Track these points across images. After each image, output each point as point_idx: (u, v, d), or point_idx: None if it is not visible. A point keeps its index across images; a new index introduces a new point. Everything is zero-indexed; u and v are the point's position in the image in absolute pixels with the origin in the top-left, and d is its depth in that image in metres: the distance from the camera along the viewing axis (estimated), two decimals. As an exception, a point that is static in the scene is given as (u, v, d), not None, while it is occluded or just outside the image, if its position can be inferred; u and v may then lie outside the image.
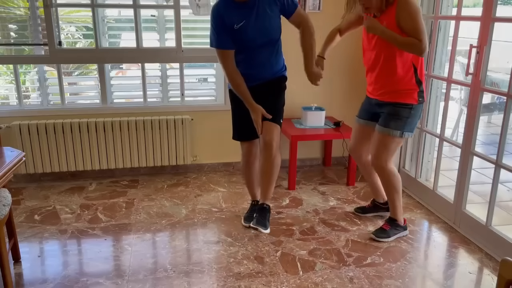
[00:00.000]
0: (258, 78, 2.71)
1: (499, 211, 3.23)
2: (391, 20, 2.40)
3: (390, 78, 2.53)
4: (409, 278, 2.38)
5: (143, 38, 3.54)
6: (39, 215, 3.04)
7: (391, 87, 2.56)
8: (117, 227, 2.88)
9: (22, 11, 3.48)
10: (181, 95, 3.73)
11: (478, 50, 2.62)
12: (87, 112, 3.57)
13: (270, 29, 2.58)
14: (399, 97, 2.55)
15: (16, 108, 3.51)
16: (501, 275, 1.22)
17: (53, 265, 2.45)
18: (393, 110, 2.57)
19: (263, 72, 2.70)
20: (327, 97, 3.95)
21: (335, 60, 3.86)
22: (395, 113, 2.57)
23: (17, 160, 2.20)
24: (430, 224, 3.00)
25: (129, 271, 2.40)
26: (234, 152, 3.67)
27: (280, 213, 3.11)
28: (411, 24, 2.35)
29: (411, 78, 2.52)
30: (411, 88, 2.53)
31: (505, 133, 2.53)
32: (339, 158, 4.12)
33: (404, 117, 2.56)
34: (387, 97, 2.59)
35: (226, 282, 2.31)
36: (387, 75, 2.54)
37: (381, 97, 2.63)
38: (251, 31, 2.54)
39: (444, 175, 3.68)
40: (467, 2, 3.44)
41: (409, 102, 2.55)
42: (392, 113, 2.58)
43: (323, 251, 2.62)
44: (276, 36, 2.63)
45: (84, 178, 3.68)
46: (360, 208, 3.11)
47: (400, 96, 2.55)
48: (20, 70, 3.55)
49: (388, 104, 2.59)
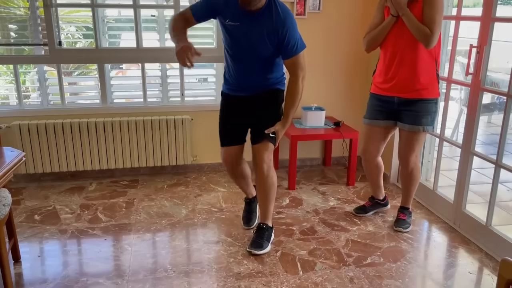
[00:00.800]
0: (247, 88, 2.50)
1: (499, 211, 3.23)
2: (418, 9, 2.47)
3: (416, 73, 2.56)
4: (409, 278, 2.38)
5: (143, 38, 3.54)
6: (39, 215, 3.04)
7: (418, 83, 2.58)
8: (117, 227, 2.88)
9: (22, 11, 3.48)
10: (181, 95, 3.73)
11: (478, 50, 2.63)
12: (87, 112, 3.57)
13: (258, 50, 2.35)
14: (425, 93, 2.60)
15: (16, 108, 3.51)
16: (501, 275, 1.22)
17: (53, 265, 2.45)
18: (421, 107, 2.61)
19: (252, 82, 2.48)
20: (327, 97, 3.95)
21: (335, 60, 3.86)
22: (424, 110, 2.62)
23: (17, 160, 2.20)
24: (430, 224, 3.00)
25: (129, 271, 2.40)
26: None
27: (280, 213, 3.11)
28: (430, 14, 2.43)
29: (433, 72, 2.59)
30: (435, 82, 2.60)
31: (505, 133, 2.53)
32: (339, 158, 4.12)
33: (433, 112, 2.64)
34: (413, 94, 2.61)
35: (226, 282, 2.31)
36: (414, 70, 2.56)
37: (405, 94, 2.62)
38: (239, 37, 2.33)
39: (444, 175, 3.68)
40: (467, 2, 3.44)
41: (434, 96, 2.62)
42: (421, 109, 2.62)
43: (323, 251, 2.62)
44: (263, 55, 2.38)
45: (84, 178, 3.68)
46: (361, 209, 3.11)
47: (427, 92, 2.59)
48: (20, 70, 3.55)
49: (415, 101, 2.61)
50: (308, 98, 3.85)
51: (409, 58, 2.55)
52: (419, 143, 2.72)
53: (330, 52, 3.84)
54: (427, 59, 2.55)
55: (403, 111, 2.67)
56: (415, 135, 2.67)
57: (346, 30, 3.79)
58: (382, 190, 3.07)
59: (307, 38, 3.71)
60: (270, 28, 2.27)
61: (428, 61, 2.55)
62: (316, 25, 3.74)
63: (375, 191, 3.08)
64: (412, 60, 2.54)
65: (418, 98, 2.60)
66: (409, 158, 2.74)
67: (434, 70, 2.59)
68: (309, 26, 3.70)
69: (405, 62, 2.56)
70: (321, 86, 3.92)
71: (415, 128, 2.64)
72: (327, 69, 3.87)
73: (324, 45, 3.79)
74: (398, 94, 2.64)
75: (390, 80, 2.65)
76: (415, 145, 2.71)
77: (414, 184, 2.86)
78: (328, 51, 3.82)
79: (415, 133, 2.67)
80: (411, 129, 2.66)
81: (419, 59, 2.53)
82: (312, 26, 3.71)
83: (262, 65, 2.42)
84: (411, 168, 2.78)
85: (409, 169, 2.79)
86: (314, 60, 3.82)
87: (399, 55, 2.57)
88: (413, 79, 2.57)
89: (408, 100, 2.62)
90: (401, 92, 2.63)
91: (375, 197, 3.10)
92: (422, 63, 2.54)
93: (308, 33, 3.72)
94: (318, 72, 3.86)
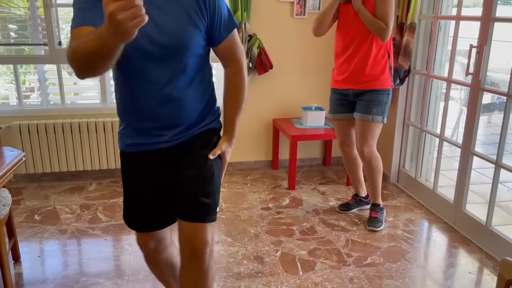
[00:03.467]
0: (165, 127, 1.52)
1: (499, 211, 3.23)
2: (370, 4, 2.57)
3: (369, 65, 2.64)
4: (409, 278, 2.38)
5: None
6: (39, 215, 3.04)
7: (370, 74, 2.67)
8: (117, 227, 2.88)
9: (22, 11, 3.48)
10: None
11: (478, 50, 2.63)
12: (87, 112, 3.57)
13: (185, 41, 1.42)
14: (377, 84, 2.69)
15: (16, 108, 3.51)
16: (501, 275, 1.22)
17: (53, 265, 2.45)
18: (373, 97, 2.70)
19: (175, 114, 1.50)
20: (327, 97, 3.94)
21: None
22: (375, 100, 2.70)
23: (17, 160, 2.20)
24: (430, 224, 3.00)
25: (129, 271, 2.40)
26: (234, 152, 3.67)
27: (280, 213, 3.11)
28: (382, 9, 2.53)
29: (385, 64, 2.68)
30: (387, 73, 2.69)
31: (505, 133, 2.53)
32: (339, 158, 4.11)
33: (384, 102, 2.72)
34: (366, 85, 2.70)
35: (226, 282, 2.31)
36: (366, 61, 2.64)
37: (358, 85, 2.72)
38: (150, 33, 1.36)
39: (444, 175, 3.68)
40: (467, 2, 3.44)
41: (386, 87, 2.71)
42: (372, 99, 2.70)
43: (323, 251, 2.62)
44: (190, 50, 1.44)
45: (84, 178, 3.68)
46: (344, 206, 3.15)
47: (379, 82, 2.68)
48: (20, 70, 3.55)
49: (367, 91, 2.71)
50: (308, 98, 3.86)
51: (361, 50, 2.64)
52: (371, 133, 2.76)
53: (330, 52, 3.84)
54: (379, 51, 2.64)
55: (358, 101, 2.77)
56: (366, 124, 2.75)
57: (346, 30, 3.79)
58: (364, 187, 3.13)
59: (307, 38, 3.74)
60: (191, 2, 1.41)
61: (379, 53, 2.64)
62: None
63: (356, 187, 3.13)
64: (364, 52, 2.63)
65: (369, 89, 2.69)
66: (363, 148, 2.80)
67: (386, 62, 2.68)
68: (309, 26, 3.69)
69: (357, 55, 2.65)
70: (320, 86, 3.91)
71: (364, 116, 2.72)
72: (327, 69, 3.87)
73: (324, 45, 3.79)
74: (352, 86, 2.74)
75: (344, 72, 2.74)
76: (367, 135, 2.76)
77: (376, 175, 2.87)
78: (327, 51, 3.82)
79: (366, 122, 2.74)
80: (361, 118, 2.74)
81: (371, 52, 2.63)
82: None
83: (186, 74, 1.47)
84: (368, 158, 2.82)
85: (366, 160, 2.84)
86: (313, 60, 3.82)
87: (352, 47, 2.66)
88: (365, 70, 2.66)
89: (360, 91, 2.73)
90: (354, 83, 2.72)
91: (357, 194, 3.14)
92: (373, 55, 2.63)
93: (308, 33, 3.72)
94: (318, 72, 3.86)
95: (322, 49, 3.80)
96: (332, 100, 2.92)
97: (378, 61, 2.65)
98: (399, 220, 3.03)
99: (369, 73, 2.67)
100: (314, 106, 3.70)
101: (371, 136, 2.77)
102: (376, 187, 2.94)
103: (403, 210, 3.18)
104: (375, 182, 2.91)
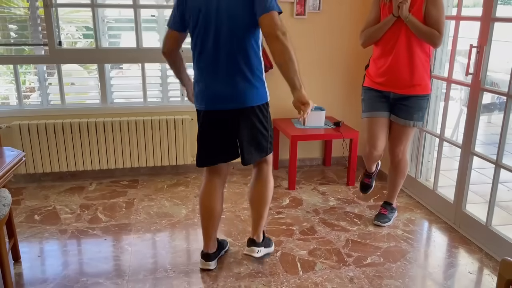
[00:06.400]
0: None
1: (499, 211, 3.23)
2: (419, 8, 2.48)
3: (412, 70, 2.58)
4: (409, 278, 2.38)
5: (143, 38, 3.54)
6: (39, 215, 3.04)
7: (413, 80, 2.61)
8: (117, 227, 2.88)
9: (22, 11, 3.48)
10: (181, 95, 3.73)
11: (478, 50, 2.63)
12: (87, 112, 3.57)
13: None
14: (419, 89, 2.64)
15: (16, 108, 3.51)
16: (501, 275, 1.22)
17: (53, 265, 2.45)
18: (415, 103, 2.66)
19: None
20: (327, 97, 3.95)
21: (335, 60, 3.86)
22: (417, 106, 2.67)
23: (17, 160, 2.20)
24: (430, 224, 3.00)
25: (129, 271, 2.40)
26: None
27: (280, 213, 3.11)
28: (436, 15, 2.46)
29: (428, 69, 2.64)
30: (428, 78, 2.65)
31: (505, 133, 2.53)
32: (339, 158, 4.12)
33: (424, 108, 2.70)
34: (408, 91, 2.64)
35: (226, 282, 2.31)
36: (410, 67, 2.58)
37: (400, 90, 2.65)
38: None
39: (444, 175, 3.68)
40: (467, 2, 3.44)
41: (427, 93, 2.67)
42: (414, 105, 2.67)
43: (323, 251, 2.62)
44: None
45: (84, 178, 3.68)
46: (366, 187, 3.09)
47: (421, 88, 2.64)
48: (20, 70, 3.55)
49: (409, 96, 2.66)
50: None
51: (405, 54, 2.57)
52: (407, 137, 2.78)
53: (330, 52, 3.84)
54: (422, 55, 2.58)
55: (398, 105, 2.72)
56: (405, 129, 2.74)
57: (346, 30, 3.79)
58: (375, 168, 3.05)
59: (307, 38, 3.74)
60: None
61: (423, 57, 2.59)
62: (316, 25, 3.74)
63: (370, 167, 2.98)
64: (408, 56, 2.57)
65: (412, 94, 2.65)
66: (397, 150, 2.81)
67: (428, 66, 2.64)
68: (309, 26, 3.70)
69: (400, 58, 2.58)
70: (321, 86, 3.92)
71: (407, 122, 2.71)
72: (327, 69, 3.87)
73: (324, 45, 3.79)
74: (394, 90, 2.68)
75: (384, 74, 2.66)
76: (403, 138, 2.77)
77: (400, 178, 2.92)
78: (328, 51, 3.82)
79: (408, 128, 2.74)
80: (403, 123, 2.72)
81: (415, 56, 2.56)
82: (312, 26, 3.71)
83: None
84: (398, 159, 2.83)
85: (396, 161, 2.84)
86: (314, 60, 3.82)
87: (395, 51, 2.58)
88: (408, 75, 2.60)
89: (403, 96, 2.67)
90: (396, 87, 2.66)
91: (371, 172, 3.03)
92: (417, 59, 2.57)
93: (308, 33, 3.73)
94: (318, 72, 3.86)
95: (322, 49, 3.80)
96: (368, 97, 2.78)
97: (421, 66, 2.58)
98: (399, 220, 3.03)
99: (412, 79, 2.59)
100: (314, 106, 3.68)
101: (407, 140, 2.79)
102: (395, 189, 2.98)
103: (403, 210, 3.18)
104: (397, 184, 2.95)
